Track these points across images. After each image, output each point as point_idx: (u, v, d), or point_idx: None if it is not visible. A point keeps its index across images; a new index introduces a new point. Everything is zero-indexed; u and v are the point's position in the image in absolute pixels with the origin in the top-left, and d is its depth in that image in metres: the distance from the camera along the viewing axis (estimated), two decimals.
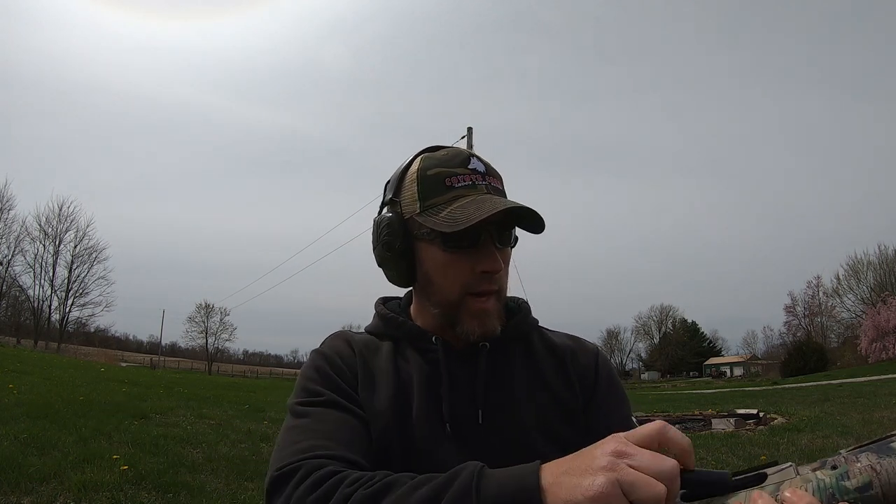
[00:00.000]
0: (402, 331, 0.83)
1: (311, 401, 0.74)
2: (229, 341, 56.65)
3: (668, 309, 70.44)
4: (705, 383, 46.02)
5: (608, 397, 0.84)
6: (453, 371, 0.79)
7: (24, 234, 40.60)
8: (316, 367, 0.79)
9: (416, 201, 0.78)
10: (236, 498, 3.75)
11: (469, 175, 0.78)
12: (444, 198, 0.76)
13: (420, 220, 0.77)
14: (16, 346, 31.38)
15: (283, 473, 0.62)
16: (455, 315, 0.78)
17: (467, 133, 15.27)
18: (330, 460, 0.63)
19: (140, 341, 73.95)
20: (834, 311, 46.26)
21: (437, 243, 0.77)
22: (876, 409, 9.54)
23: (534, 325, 0.89)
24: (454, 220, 0.73)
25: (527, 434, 0.77)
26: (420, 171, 0.79)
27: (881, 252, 41.21)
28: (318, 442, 0.66)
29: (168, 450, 4.94)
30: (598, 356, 0.87)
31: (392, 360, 0.81)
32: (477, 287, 0.77)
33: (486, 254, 0.76)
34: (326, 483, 0.58)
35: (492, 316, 0.78)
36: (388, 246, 0.80)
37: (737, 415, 10.36)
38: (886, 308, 32.95)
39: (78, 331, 48.30)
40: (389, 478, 0.56)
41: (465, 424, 0.76)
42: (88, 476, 3.66)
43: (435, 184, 0.77)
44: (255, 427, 7.18)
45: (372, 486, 0.56)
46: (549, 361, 0.84)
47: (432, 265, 0.78)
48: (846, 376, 23.19)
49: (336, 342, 0.84)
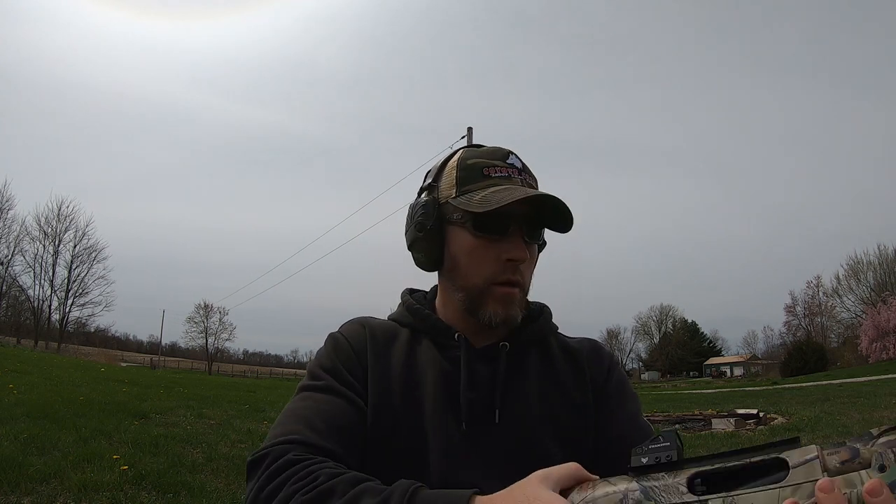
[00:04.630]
0: (427, 324, 0.84)
1: (310, 384, 0.77)
2: (229, 341, 56.68)
3: (668, 309, 70.55)
4: (705, 383, 45.98)
5: (618, 395, 0.85)
6: (473, 368, 0.80)
7: (24, 234, 40.60)
8: (325, 353, 0.81)
9: (454, 187, 0.81)
10: (236, 498, 3.75)
11: (507, 168, 0.81)
12: (481, 185, 0.79)
13: (454, 203, 0.80)
14: (16, 346, 31.37)
15: (256, 459, 0.65)
16: (479, 300, 0.79)
17: (467, 133, 15.26)
18: (295, 445, 0.66)
19: (140, 341, 74.07)
20: (834, 311, 46.30)
21: (467, 227, 0.79)
22: (876, 409, 9.54)
23: (553, 330, 0.89)
24: (486, 202, 0.76)
25: (538, 435, 0.77)
26: (461, 160, 0.83)
27: (881, 252, 41.20)
28: (295, 427, 0.69)
29: (168, 450, 4.94)
30: (613, 360, 0.89)
31: (408, 351, 0.82)
32: (502, 276, 0.78)
33: (514, 243, 0.78)
34: (281, 475, 0.61)
35: (515, 303, 0.79)
36: (421, 226, 0.81)
37: (737, 415, 10.37)
38: (886, 308, 32.92)
39: (78, 331, 48.26)
40: (328, 483, 0.58)
41: (481, 423, 0.77)
42: (88, 476, 3.66)
43: (473, 172, 0.80)
44: (255, 427, 7.18)
45: (310, 491, 0.58)
46: (564, 363, 0.85)
47: (461, 249, 0.80)
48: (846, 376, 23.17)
49: (352, 327, 0.86)
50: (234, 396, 12.22)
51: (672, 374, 65.89)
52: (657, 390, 32.93)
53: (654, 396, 22.01)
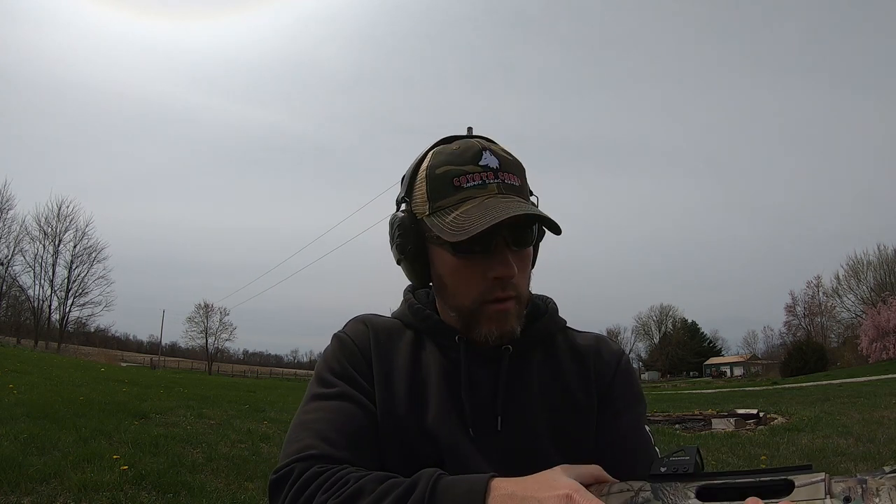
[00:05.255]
0: (427, 324, 0.81)
1: (321, 392, 0.76)
2: (229, 341, 56.67)
3: (668, 309, 70.58)
4: (705, 383, 45.97)
5: (623, 396, 0.82)
6: (473, 372, 0.78)
7: (24, 234, 40.62)
8: (332, 354, 0.80)
9: (426, 202, 0.76)
10: (236, 498, 3.75)
11: (480, 174, 0.74)
12: (453, 199, 0.73)
13: (429, 222, 0.75)
14: (16, 346, 31.36)
15: (279, 478, 0.66)
16: (471, 320, 0.76)
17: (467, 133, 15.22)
18: (318, 460, 0.66)
19: (140, 341, 74.00)
20: (834, 311, 46.32)
21: (447, 248, 0.75)
22: (876, 409, 9.53)
23: (560, 325, 0.86)
24: (459, 227, 0.70)
25: (540, 443, 0.76)
26: (429, 169, 0.76)
27: (881, 252, 41.25)
28: (313, 441, 0.69)
29: (168, 450, 4.94)
30: (622, 358, 0.85)
31: (412, 353, 0.80)
32: (491, 294, 0.74)
33: (500, 260, 0.72)
34: (308, 489, 0.62)
35: (511, 317, 0.75)
36: (401, 248, 0.78)
37: (737, 415, 10.37)
38: (886, 308, 32.92)
39: (78, 331, 48.27)
40: (357, 484, 0.60)
41: (484, 429, 0.76)
42: (88, 476, 3.66)
43: (443, 184, 0.74)
44: (255, 427, 7.17)
45: (341, 493, 0.59)
46: (570, 363, 0.82)
47: (444, 269, 0.76)
48: (846, 376, 23.17)
49: (356, 326, 0.84)
50: (234, 396, 12.21)
51: (672, 374, 65.89)
52: (657, 390, 32.89)
53: (655, 396, 22.00)
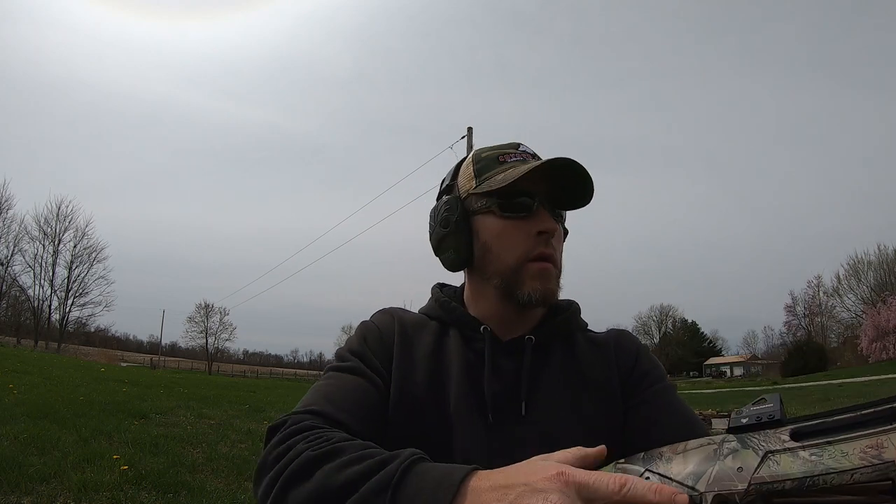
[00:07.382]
0: (454, 316, 0.85)
1: (337, 366, 0.79)
2: (229, 341, 56.57)
3: (668, 309, 70.46)
4: (705, 383, 46.02)
5: (653, 372, 0.83)
6: (497, 362, 0.80)
7: (23, 234, 40.65)
8: (355, 336, 0.84)
9: (473, 179, 0.83)
10: (236, 498, 3.75)
11: (521, 154, 0.84)
12: (498, 170, 0.82)
13: (476, 192, 0.82)
14: (16, 346, 31.38)
15: (274, 425, 0.68)
16: (515, 280, 0.79)
17: (467, 133, 15.25)
18: (314, 416, 0.68)
19: (140, 341, 74.17)
20: (834, 310, 46.32)
21: (493, 211, 0.80)
22: None
23: (581, 326, 0.89)
24: (508, 177, 0.78)
25: (565, 427, 0.77)
26: (475, 155, 0.86)
27: (881, 252, 41.27)
28: (317, 401, 0.71)
29: (168, 450, 4.95)
30: (641, 345, 0.88)
31: (435, 342, 0.83)
32: (535, 250, 0.79)
33: (542, 216, 0.79)
34: (295, 437, 0.63)
35: (552, 277, 0.80)
36: (446, 221, 0.83)
37: None
38: (886, 308, 32.95)
39: (78, 331, 48.33)
40: (338, 444, 0.59)
41: (506, 416, 0.77)
42: (88, 476, 3.67)
43: (489, 161, 0.83)
44: (255, 427, 7.18)
45: (320, 448, 0.58)
46: (590, 356, 0.85)
47: (490, 234, 0.81)
48: (846, 376, 23.18)
49: (382, 316, 0.88)
50: (234, 396, 12.22)
51: (672, 374, 65.87)
52: None
53: None
